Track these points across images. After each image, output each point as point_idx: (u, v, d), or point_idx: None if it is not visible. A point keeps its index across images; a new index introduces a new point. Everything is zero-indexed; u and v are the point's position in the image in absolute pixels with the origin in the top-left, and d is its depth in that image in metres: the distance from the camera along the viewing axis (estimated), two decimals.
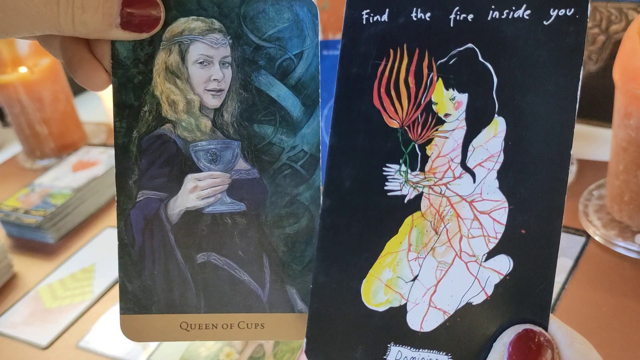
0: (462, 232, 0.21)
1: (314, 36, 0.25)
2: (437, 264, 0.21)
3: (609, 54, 0.68)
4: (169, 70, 0.25)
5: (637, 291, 0.48)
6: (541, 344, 0.20)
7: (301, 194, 0.25)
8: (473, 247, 0.21)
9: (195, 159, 0.25)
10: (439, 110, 0.21)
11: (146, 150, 0.26)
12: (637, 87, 0.47)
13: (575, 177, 0.63)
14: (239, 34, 0.25)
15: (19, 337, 0.56)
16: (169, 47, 0.25)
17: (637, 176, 0.50)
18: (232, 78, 0.25)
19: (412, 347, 0.21)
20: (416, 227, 0.22)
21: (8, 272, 0.65)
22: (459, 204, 0.21)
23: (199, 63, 0.25)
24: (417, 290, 0.22)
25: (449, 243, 0.21)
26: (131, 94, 0.25)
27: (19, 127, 0.91)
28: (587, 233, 0.55)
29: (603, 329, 0.45)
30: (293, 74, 0.25)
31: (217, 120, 0.25)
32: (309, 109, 0.26)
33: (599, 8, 0.66)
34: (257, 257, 0.25)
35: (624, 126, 0.50)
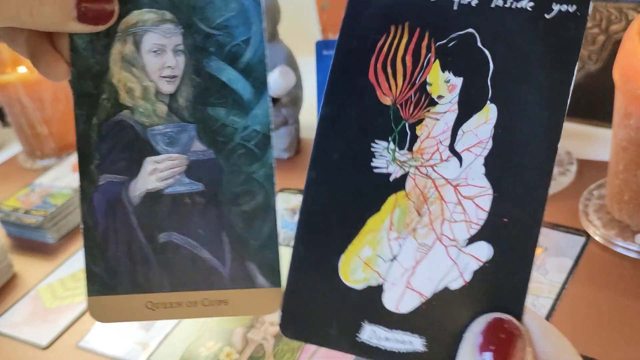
0: (445, 215, 0.21)
1: (259, 23, 0.26)
2: (418, 245, 0.21)
3: (609, 53, 0.68)
4: (124, 59, 0.27)
5: (637, 290, 0.48)
6: (512, 334, 0.20)
7: (255, 172, 0.26)
8: (454, 231, 0.21)
9: (154, 142, 0.27)
10: (433, 92, 0.21)
11: (106, 136, 0.27)
12: (637, 87, 0.47)
13: (575, 177, 0.63)
14: (189, 23, 0.26)
15: (19, 337, 0.56)
16: (124, 37, 0.26)
17: (637, 176, 0.50)
18: (185, 65, 0.27)
19: (386, 327, 0.21)
20: (399, 207, 0.22)
21: (8, 272, 0.65)
22: (444, 187, 0.21)
23: (152, 52, 0.27)
24: (396, 270, 0.22)
25: (430, 225, 0.21)
26: (90, 83, 0.27)
27: (19, 127, 0.91)
28: (587, 233, 0.55)
29: (603, 328, 0.45)
30: (242, 58, 0.26)
31: (172, 105, 0.27)
32: (258, 91, 0.26)
33: (599, 8, 0.66)
34: (216, 234, 0.26)
35: (623, 126, 0.50)
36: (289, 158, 0.80)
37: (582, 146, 0.70)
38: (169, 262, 0.26)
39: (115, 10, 0.26)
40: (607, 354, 0.43)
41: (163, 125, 0.27)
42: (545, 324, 0.21)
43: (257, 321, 0.51)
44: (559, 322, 0.46)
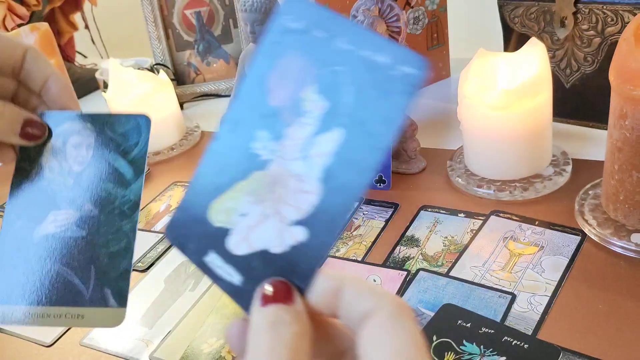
0: (284, 199, 0.28)
1: (147, 133, 0.39)
2: (261, 212, 0.28)
3: (605, 55, 0.68)
4: (53, 149, 0.39)
5: (632, 289, 0.48)
6: (286, 291, 0.25)
7: (124, 226, 0.37)
8: (287, 212, 0.27)
9: (58, 202, 0.38)
10: (305, 105, 0.27)
11: (27, 195, 0.38)
12: (632, 88, 0.48)
13: (571, 177, 0.64)
14: (101, 130, 0.39)
15: (23, 334, 0.57)
16: (56, 137, 0.39)
17: (632, 176, 0.51)
18: (91, 156, 0.39)
19: (223, 258, 0.28)
20: (259, 181, 0.28)
21: None
22: (292, 178, 0.27)
23: (72, 146, 0.39)
24: (242, 223, 0.28)
25: (273, 202, 0.28)
26: (27, 162, 0.39)
27: None
28: (582, 232, 0.55)
29: (599, 327, 0.46)
30: (130, 154, 0.39)
31: (78, 179, 0.39)
32: (138, 174, 0.38)
33: (595, 10, 0.67)
34: (87, 266, 0.36)
35: (619, 127, 0.51)
36: None
37: (577, 146, 0.70)
38: (50, 285, 0.36)
39: (45, 134, 0.39)
40: (602, 352, 0.44)
41: (68, 192, 0.38)
42: (360, 284, 0.24)
43: (339, 233, 0.51)
44: (555, 320, 0.47)
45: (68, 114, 0.40)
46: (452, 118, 0.84)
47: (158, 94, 0.87)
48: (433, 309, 0.49)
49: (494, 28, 0.82)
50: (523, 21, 0.74)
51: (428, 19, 0.91)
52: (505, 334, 0.45)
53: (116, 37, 1.46)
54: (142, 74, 0.88)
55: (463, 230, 0.59)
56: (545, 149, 0.65)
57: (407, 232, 0.61)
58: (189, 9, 1.08)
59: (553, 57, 0.73)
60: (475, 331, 0.46)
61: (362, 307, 0.23)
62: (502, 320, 0.47)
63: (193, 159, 0.88)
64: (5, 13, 1.01)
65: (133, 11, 1.21)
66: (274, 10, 0.77)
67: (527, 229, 0.58)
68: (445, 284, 0.52)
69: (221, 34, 1.09)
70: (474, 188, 0.65)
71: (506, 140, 0.62)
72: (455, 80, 0.97)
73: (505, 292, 0.50)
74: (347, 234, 0.63)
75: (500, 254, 0.55)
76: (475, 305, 0.49)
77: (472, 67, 0.64)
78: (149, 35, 1.09)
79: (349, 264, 0.58)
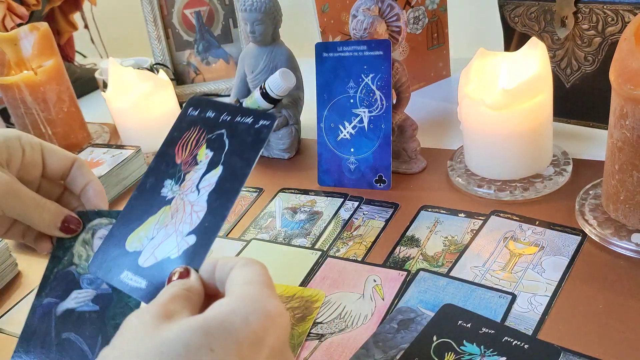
0: (182, 219, 0.39)
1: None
2: (165, 232, 0.39)
3: (605, 55, 0.68)
4: (83, 241, 0.47)
5: (633, 289, 0.48)
6: (186, 273, 0.37)
7: (131, 301, 0.42)
8: (183, 228, 0.38)
9: (81, 282, 0.46)
10: (199, 157, 0.40)
11: (57, 278, 0.46)
12: (633, 88, 0.48)
13: (571, 177, 0.64)
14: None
15: None
16: (87, 230, 0.47)
17: (633, 176, 0.51)
18: None
19: (134, 273, 0.39)
20: (164, 213, 0.40)
21: (13, 271, 0.66)
22: (187, 205, 0.39)
23: (99, 238, 0.46)
24: (150, 244, 0.39)
25: (174, 224, 0.39)
26: (61, 250, 0.47)
27: (23, 128, 0.92)
28: (583, 232, 0.55)
29: (599, 326, 0.46)
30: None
31: None
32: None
33: (596, 10, 0.67)
34: (96, 335, 0.42)
35: (619, 126, 0.50)
36: (289, 158, 0.81)
37: (578, 146, 0.70)
38: (63, 349, 0.43)
39: (80, 229, 0.47)
40: (603, 351, 0.44)
41: (90, 274, 0.45)
42: (227, 258, 0.37)
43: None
44: (555, 320, 0.47)
45: (98, 212, 0.49)
46: (452, 118, 0.84)
47: (158, 93, 0.87)
48: (433, 309, 0.49)
49: (494, 28, 0.82)
50: (523, 21, 0.74)
51: (428, 18, 0.91)
52: (506, 334, 0.45)
53: (116, 37, 1.46)
54: (142, 73, 0.88)
55: (463, 230, 0.59)
56: (546, 148, 0.65)
57: (407, 232, 0.61)
58: (188, 9, 1.08)
59: (553, 57, 0.73)
60: (475, 331, 0.46)
61: (227, 267, 0.35)
62: (503, 320, 0.47)
63: None
64: (5, 13, 1.01)
65: (133, 11, 1.21)
66: (274, 9, 0.77)
67: (527, 229, 0.57)
68: (445, 284, 0.52)
69: (221, 34, 1.09)
70: (474, 188, 0.65)
71: (506, 140, 0.62)
72: (455, 80, 0.97)
73: (505, 292, 0.50)
74: (347, 234, 0.63)
75: (501, 254, 0.55)
76: (476, 306, 0.49)
77: (472, 67, 0.64)
78: (148, 35, 1.09)
79: (349, 264, 0.58)
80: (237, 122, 0.40)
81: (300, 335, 0.50)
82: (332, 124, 0.70)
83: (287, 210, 0.69)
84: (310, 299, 0.54)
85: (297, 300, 0.54)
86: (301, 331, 0.51)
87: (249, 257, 0.36)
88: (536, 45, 0.61)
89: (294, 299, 0.54)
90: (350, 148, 0.70)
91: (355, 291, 0.54)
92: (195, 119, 0.40)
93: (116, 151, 0.84)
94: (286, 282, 0.56)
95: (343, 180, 0.71)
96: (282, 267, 0.59)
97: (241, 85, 0.84)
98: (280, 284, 0.56)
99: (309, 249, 0.61)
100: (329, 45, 0.69)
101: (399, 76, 0.69)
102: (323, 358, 0.48)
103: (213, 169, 0.39)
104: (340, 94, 0.69)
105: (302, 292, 0.55)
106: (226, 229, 0.67)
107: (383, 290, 0.53)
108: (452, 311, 0.48)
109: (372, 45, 0.67)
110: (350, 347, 0.48)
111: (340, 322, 0.51)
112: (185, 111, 0.39)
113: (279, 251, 0.62)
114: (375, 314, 0.51)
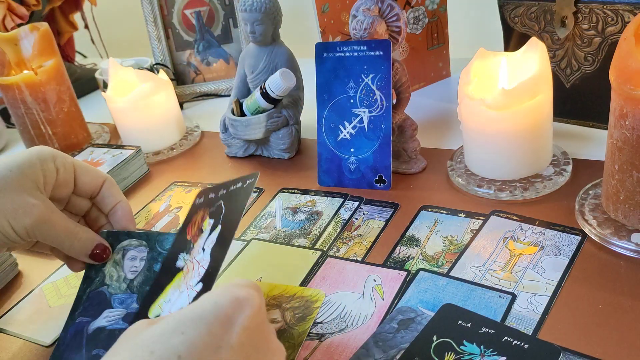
0: (191, 276, 0.46)
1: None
2: (179, 292, 0.45)
3: (605, 55, 0.68)
4: (114, 261, 0.52)
5: (632, 289, 0.48)
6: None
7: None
8: (192, 282, 0.45)
9: (113, 302, 0.50)
10: (203, 227, 0.47)
11: (89, 298, 0.50)
12: (633, 88, 0.48)
13: (571, 177, 0.64)
14: (152, 247, 0.52)
15: (23, 335, 0.57)
16: (117, 251, 0.52)
17: (633, 176, 0.51)
18: (143, 266, 0.51)
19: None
20: (178, 278, 0.46)
21: (13, 271, 0.66)
22: (195, 264, 0.46)
23: (129, 259, 0.51)
24: (167, 306, 0.44)
25: (185, 282, 0.45)
26: (93, 271, 0.52)
27: (24, 128, 0.92)
28: (583, 232, 0.55)
29: (599, 326, 0.46)
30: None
31: (129, 285, 0.51)
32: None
33: (595, 10, 0.67)
34: None
35: (619, 126, 0.50)
36: (289, 158, 0.81)
37: (578, 146, 0.70)
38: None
39: (110, 256, 0.51)
40: (603, 352, 0.44)
41: (121, 294, 0.50)
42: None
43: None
44: (555, 320, 0.47)
45: (128, 233, 0.52)
46: (452, 118, 0.84)
47: (158, 93, 0.87)
48: (433, 309, 0.49)
49: (494, 28, 0.82)
50: (523, 21, 0.74)
51: (428, 18, 0.91)
52: (506, 334, 0.45)
53: (116, 37, 1.46)
54: (142, 73, 0.88)
55: (463, 230, 0.59)
56: (546, 148, 0.65)
57: (407, 232, 0.61)
58: (188, 9, 1.08)
59: (553, 57, 0.73)
60: (475, 331, 0.46)
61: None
62: (503, 320, 0.47)
63: (193, 159, 0.88)
64: (5, 13, 1.01)
65: (133, 11, 1.21)
66: (274, 10, 0.77)
67: (527, 229, 0.58)
68: (445, 284, 0.52)
69: (221, 34, 1.09)
70: (474, 188, 0.65)
71: (506, 140, 0.62)
72: (455, 80, 0.97)
73: (505, 292, 0.50)
74: (347, 234, 0.63)
75: (501, 254, 0.55)
76: (475, 306, 0.49)
77: (472, 67, 0.64)
78: (148, 35, 1.09)
79: (349, 264, 0.58)
80: (231, 191, 0.49)
81: (301, 335, 0.50)
82: (332, 124, 0.70)
83: (287, 210, 0.69)
84: (311, 299, 0.54)
85: (297, 300, 0.54)
86: (301, 331, 0.51)
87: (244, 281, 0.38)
88: (536, 45, 0.61)
89: (294, 298, 0.54)
90: (350, 148, 0.70)
91: (355, 291, 0.54)
92: (201, 204, 0.46)
93: (116, 151, 0.84)
94: (286, 282, 0.56)
95: (343, 180, 0.71)
96: (282, 267, 0.59)
97: (241, 85, 0.84)
98: (280, 284, 0.56)
99: (309, 249, 0.61)
100: (329, 45, 0.69)
101: (399, 76, 0.69)
102: (323, 358, 0.48)
103: (214, 230, 0.48)
104: (340, 94, 0.70)
105: (302, 292, 0.55)
106: None
107: (383, 290, 0.53)
108: (452, 311, 0.49)
109: (372, 45, 0.67)
110: (350, 347, 0.48)
111: (340, 322, 0.51)
112: (193, 203, 0.45)
113: (279, 251, 0.62)
114: (375, 313, 0.51)
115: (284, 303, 0.54)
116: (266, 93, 0.76)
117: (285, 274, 0.58)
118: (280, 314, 0.53)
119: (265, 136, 0.80)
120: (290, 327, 0.51)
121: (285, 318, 0.52)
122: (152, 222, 0.72)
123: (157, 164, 0.87)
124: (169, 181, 0.81)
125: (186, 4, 1.07)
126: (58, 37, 1.20)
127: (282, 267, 0.59)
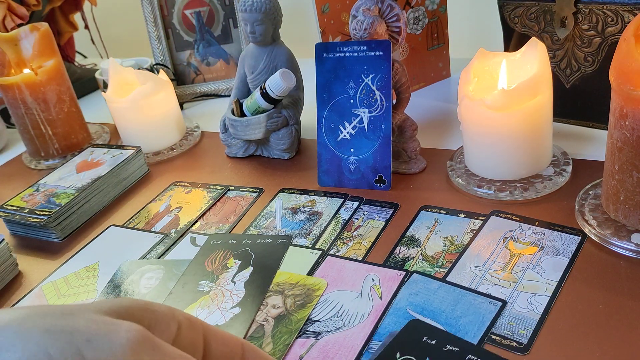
0: (224, 300, 0.54)
1: None
2: (209, 311, 0.52)
3: (605, 56, 0.68)
4: None
5: (632, 289, 0.48)
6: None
7: None
8: (227, 305, 0.53)
9: None
10: (229, 265, 0.56)
11: None
12: (633, 89, 0.48)
13: (571, 177, 0.64)
14: None
15: None
16: None
17: (632, 176, 0.51)
18: None
19: None
20: (204, 299, 0.54)
21: (13, 271, 0.66)
22: (226, 292, 0.55)
23: None
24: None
25: (217, 304, 0.54)
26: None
27: (24, 128, 0.92)
28: (583, 232, 0.55)
29: (599, 327, 0.46)
30: None
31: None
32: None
33: (595, 10, 0.67)
34: None
35: (619, 127, 0.50)
36: (289, 158, 0.81)
37: (578, 146, 0.70)
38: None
39: None
40: (603, 352, 0.43)
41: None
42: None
43: (261, 303, 0.54)
44: (555, 320, 0.47)
45: None
46: (452, 118, 0.84)
47: (158, 94, 0.87)
48: (422, 313, 0.49)
49: (494, 28, 0.82)
50: (523, 21, 0.74)
51: (428, 19, 0.91)
52: (470, 353, 0.44)
53: (116, 37, 1.46)
54: (142, 74, 0.88)
55: (463, 230, 0.59)
56: (546, 149, 0.65)
57: (407, 232, 0.61)
58: (188, 9, 1.08)
59: (553, 57, 0.73)
60: (439, 348, 0.45)
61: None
62: (489, 327, 0.47)
63: (193, 159, 0.88)
64: (5, 13, 1.01)
65: (133, 11, 1.21)
66: (274, 10, 0.77)
67: (527, 229, 0.58)
68: (437, 287, 0.52)
69: (221, 34, 1.09)
70: (474, 188, 0.65)
71: (506, 140, 0.62)
72: (455, 80, 0.97)
73: (496, 298, 0.50)
74: (347, 234, 0.63)
75: (501, 254, 0.55)
76: (464, 311, 0.49)
77: (472, 67, 0.64)
78: (148, 35, 1.09)
79: (349, 264, 0.58)
80: (258, 243, 0.60)
81: (299, 322, 0.51)
82: (332, 124, 0.70)
83: (287, 211, 0.69)
84: (313, 287, 0.55)
85: (300, 287, 0.56)
86: (300, 317, 0.51)
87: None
88: (536, 46, 0.61)
89: (297, 286, 0.56)
90: (350, 148, 0.70)
91: (353, 290, 0.54)
92: (217, 246, 0.54)
93: (116, 151, 0.84)
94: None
95: (343, 181, 0.71)
96: (282, 267, 0.59)
97: (241, 85, 0.84)
98: (285, 272, 0.58)
99: (309, 249, 0.61)
100: (329, 45, 0.69)
101: (399, 76, 0.69)
102: (319, 356, 0.48)
103: (244, 269, 0.57)
104: (340, 94, 0.70)
105: (305, 280, 0.56)
106: (227, 229, 0.67)
107: (381, 290, 0.53)
108: (419, 327, 0.48)
109: (372, 45, 0.67)
110: (346, 346, 0.48)
111: (337, 320, 0.51)
112: (208, 241, 0.51)
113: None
114: (372, 313, 0.51)
115: (287, 290, 0.55)
116: (266, 93, 0.77)
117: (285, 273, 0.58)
118: (282, 300, 0.54)
119: (265, 136, 0.80)
120: (289, 313, 0.52)
121: (285, 304, 0.53)
122: (152, 223, 0.72)
123: (157, 164, 0.87)
124: (169, 181, 0.81)
125: (186, 4, 1.07)
126: (58, 37, 1.20)
127: (281, 267, 0.59)
